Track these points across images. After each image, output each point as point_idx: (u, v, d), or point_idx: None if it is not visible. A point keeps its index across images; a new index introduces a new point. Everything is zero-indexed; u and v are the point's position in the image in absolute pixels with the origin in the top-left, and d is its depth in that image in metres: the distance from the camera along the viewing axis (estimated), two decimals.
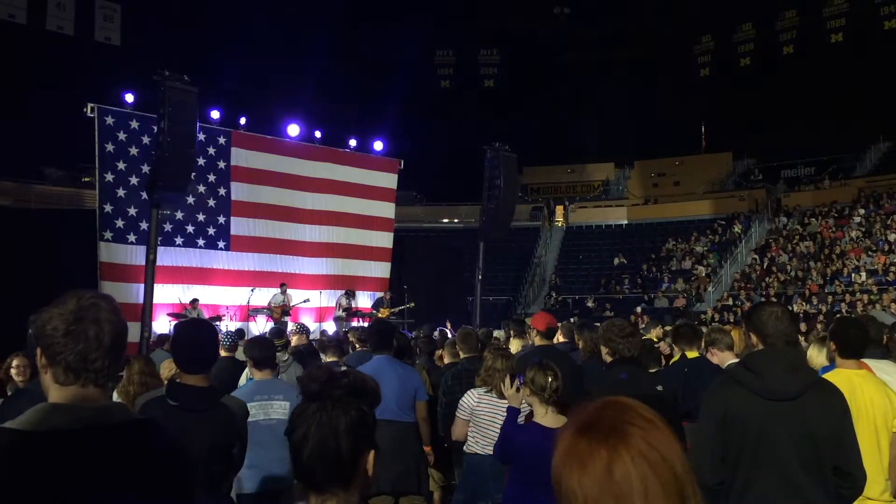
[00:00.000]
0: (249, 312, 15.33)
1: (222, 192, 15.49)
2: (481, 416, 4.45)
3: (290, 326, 11.03)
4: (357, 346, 7.51)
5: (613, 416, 1.08)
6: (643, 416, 1.08)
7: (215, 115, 15.64)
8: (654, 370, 5.28)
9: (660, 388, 3.72)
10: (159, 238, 12.91)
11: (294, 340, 7.34)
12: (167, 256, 14.18)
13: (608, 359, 3.87)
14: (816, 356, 4.59)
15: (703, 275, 24.90)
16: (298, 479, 1.48)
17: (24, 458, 1.48)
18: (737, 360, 5.15)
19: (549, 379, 3.75)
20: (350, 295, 16.53)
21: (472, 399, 4.51)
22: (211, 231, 15.29)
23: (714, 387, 2.93)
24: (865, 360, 3.64)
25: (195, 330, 3.39)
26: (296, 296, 15.75)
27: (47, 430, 1.51)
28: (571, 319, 14.32)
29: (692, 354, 5.40)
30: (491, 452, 4.31)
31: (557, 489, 1.08)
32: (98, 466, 1.51)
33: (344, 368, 3.48)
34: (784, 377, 2.73)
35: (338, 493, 1.45)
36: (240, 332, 10.85)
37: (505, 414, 4.31)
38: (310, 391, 1.48)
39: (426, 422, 5.23)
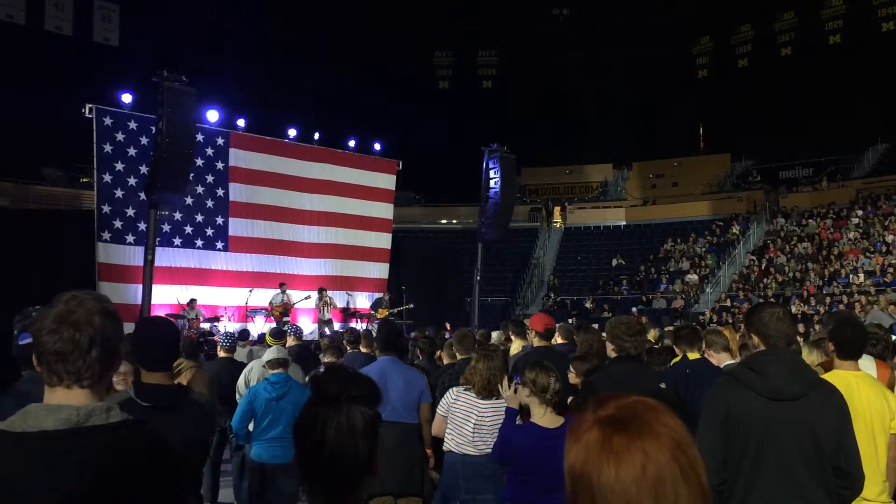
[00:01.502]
0: (248, 313, 15.34)
1: (221, 192, 15.49)
2: (456, 413, 4.46)
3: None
4: (348, 348, 7.50)
5: (643, 413, 1.08)
6: (667, 415, 1.09)
7: (214, 115, 15.61)
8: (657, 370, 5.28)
9: (663, 385, 3.72)
10: (157, 239, 12.92)
11: (287, 342, 7.32)
12: (165, 257, 14.17)
13: (612, 355, 3.88)
14: (807, 357, 4.62)
15: (695, 281, 24.90)
16: (312, 481, 1.46)
17: (5, 459, 1.48)
18: (734, 362, 5.17)
19: (552, 381, 3.77)
20: (321, 292, 15.92)
21: (451, 396, 4.55)
22: (209, 232, 15.28)
23: (716, 387, 2.93)
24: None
25: (155, 327, 3.28)
26: (295, 296, 15.74)
27: (31, 431, 1.50)
28: (570, 320, 14.33)
29: (693, 356, 5.41)
30: (464, 451, 4.35)
31: (585, 484, 1.06)
32: (83, 468, 1.50)
33: None
34: (788, 378, 2.73)
35: (348, 492, 1.45)
36: (244, 333, 10.82)
37: (481, 413, 4.36)
38: (329, 392, 1.47)
39: (429, 423, 5.23)
